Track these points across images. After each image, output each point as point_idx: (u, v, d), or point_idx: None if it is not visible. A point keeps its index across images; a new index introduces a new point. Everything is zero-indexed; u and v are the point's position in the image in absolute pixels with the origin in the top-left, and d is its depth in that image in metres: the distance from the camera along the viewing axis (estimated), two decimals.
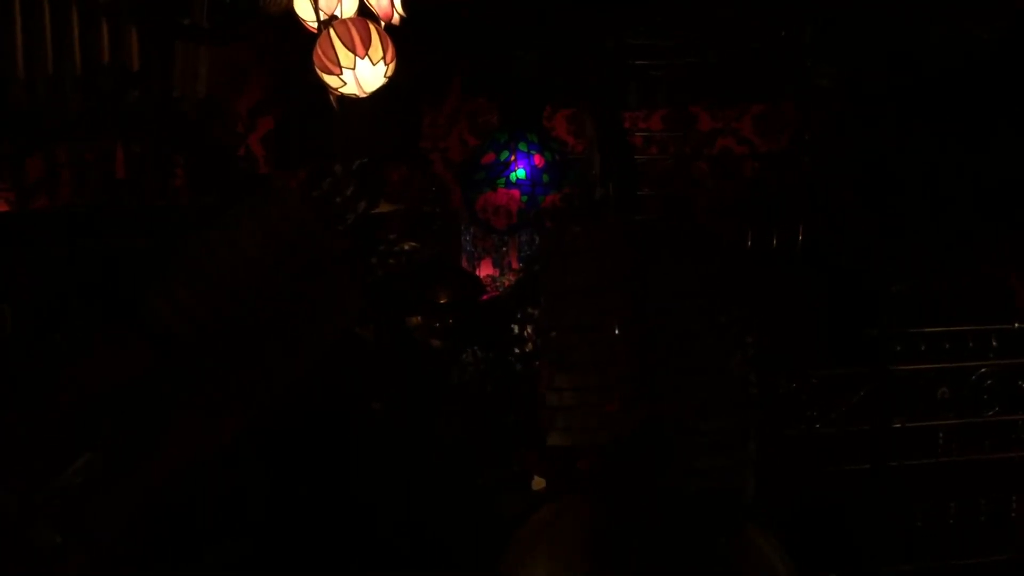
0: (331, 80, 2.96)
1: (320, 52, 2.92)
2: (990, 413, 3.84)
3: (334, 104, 3.28)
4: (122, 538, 1.56)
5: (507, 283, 4.40)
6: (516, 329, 3.31)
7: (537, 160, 4.29)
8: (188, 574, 1.79)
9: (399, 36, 3.00)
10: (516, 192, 4.28)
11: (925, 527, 3.76)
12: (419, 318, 3.17)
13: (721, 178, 5.07)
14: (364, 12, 3.01)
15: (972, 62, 4.02)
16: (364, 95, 3.02)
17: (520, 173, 4.27)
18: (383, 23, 2.99)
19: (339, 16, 2.95)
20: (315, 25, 2.97)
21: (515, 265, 4.56)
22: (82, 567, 1.50)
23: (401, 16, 3.04)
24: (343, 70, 2.90)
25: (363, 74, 2.95)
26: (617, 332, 2.30)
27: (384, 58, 2.92)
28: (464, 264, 4.60)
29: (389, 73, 2.98)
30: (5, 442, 1.53)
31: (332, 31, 2.89)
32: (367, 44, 2.87)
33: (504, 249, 4.67)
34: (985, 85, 4.07)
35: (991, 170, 4.11)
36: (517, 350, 3.29)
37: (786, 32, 4.13)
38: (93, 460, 1.54)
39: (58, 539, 1.49)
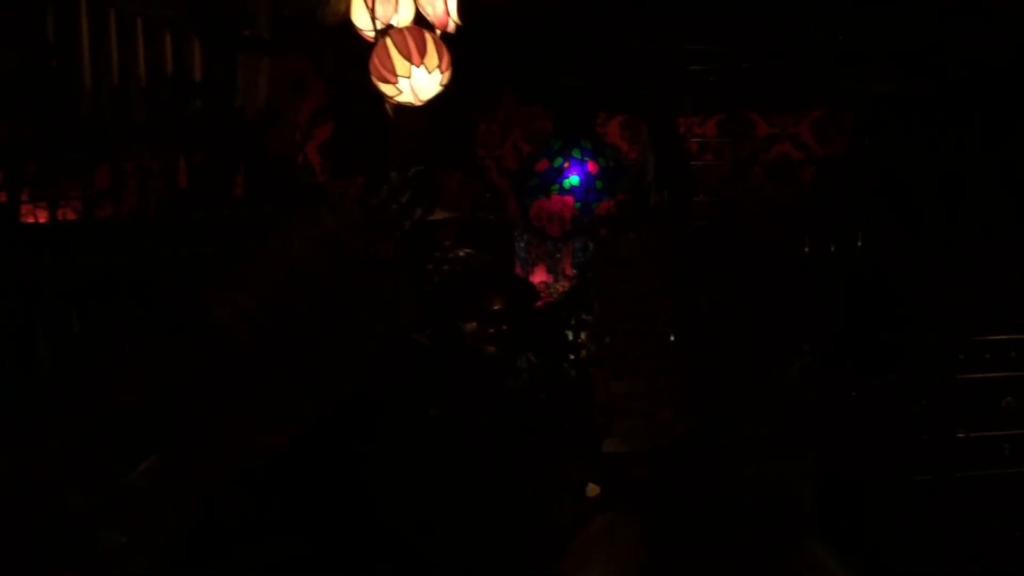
0: (387, 89, 3.00)
1: (376, 61, 2.95)
2: None
3: (390, 112, 3.31)
4: (178, 538, 1.59)
5: (561, 289, 4.39)
6: (570, 335, 3.31)
7: (591, 167, 4.30)
8: (231, 573, 1.81)
9: (454, 44, 3.02)
10: (570, 199, 4.28)
11: (989, 539, 3.68)
12: (474, 324, 3.18)
13: (779, 184, 5.01)
14: (420, 21, 3.03)
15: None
16: (420, 103, 3.05)
17: (574, 180, 4.28)
18: (438, 31, 3.02)
19: (395, 25, 2.98)
20: (372, 34, 3.01)
21: (569, 271, 4.54)
22: (143, 567, 1.54)
23: (456, 24, 3.06)
24: (399, 79, 2.93)
25: (419, 82, 2.98)
26: (671, 338, 2.29)
27: (439, 66, 2.94)
28: (518, 270, 4.61)
29: (444, 81, 3.00)
30: (72, 442, 1.57)
31: (389, 40, 2.92)
32: (423, 52, 2.90)
33: (558, 256, 4.65)
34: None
35: None
36: (571, 356, 3.28)
37: (843, 37, 4.07)
38: (154, 461, 1.57)
39: (123, 539, 1.53)
